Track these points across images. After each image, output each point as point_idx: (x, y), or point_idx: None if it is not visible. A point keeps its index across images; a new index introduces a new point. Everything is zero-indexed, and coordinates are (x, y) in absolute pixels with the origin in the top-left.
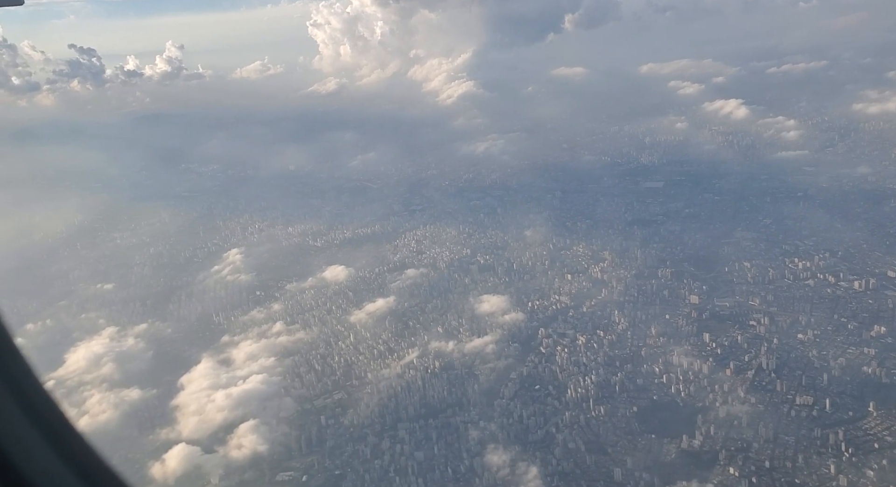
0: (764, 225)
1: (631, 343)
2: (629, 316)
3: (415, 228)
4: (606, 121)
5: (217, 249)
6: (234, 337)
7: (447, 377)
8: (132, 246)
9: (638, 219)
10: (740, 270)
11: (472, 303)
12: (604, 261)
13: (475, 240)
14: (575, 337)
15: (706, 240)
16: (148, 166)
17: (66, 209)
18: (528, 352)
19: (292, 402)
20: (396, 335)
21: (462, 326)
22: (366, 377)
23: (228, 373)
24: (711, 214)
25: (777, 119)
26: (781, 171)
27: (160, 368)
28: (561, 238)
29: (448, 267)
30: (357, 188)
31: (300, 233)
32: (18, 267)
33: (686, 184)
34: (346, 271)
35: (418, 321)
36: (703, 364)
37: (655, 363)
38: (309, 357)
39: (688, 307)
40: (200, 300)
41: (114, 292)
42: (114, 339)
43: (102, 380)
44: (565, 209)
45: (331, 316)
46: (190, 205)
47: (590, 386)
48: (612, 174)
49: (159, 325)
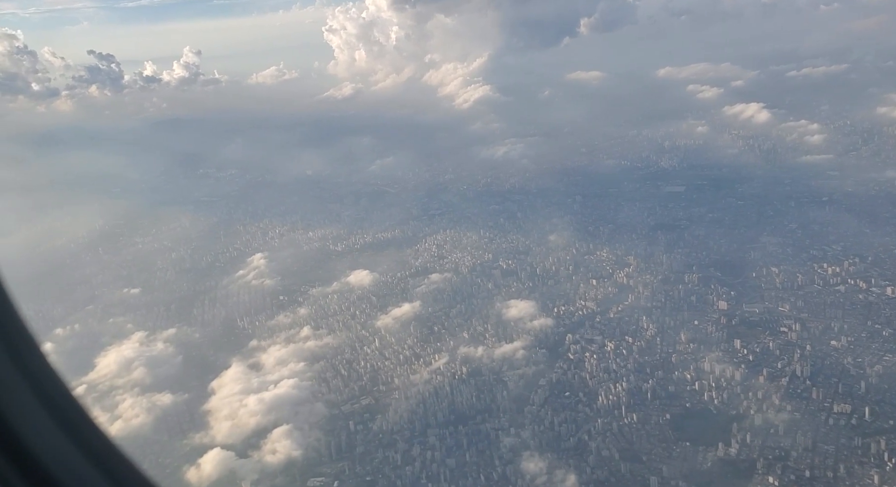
0: (790, 229)
1: (660, 349)
2: (657, 321)
3: (435, 233)
4: (624, 125)
5: (238, 254)
6: (263, 341)
7: (475, 383)
8: (154, 250)
9: (661, 223)
10: (768, 276)
11: (497, 309)
12: (629, 266)
13: (496, 245)
14: (603, 343)
15: (732, 244)
16: (166, 171)
17: (87, 214)
18: (556, 358)
19: (323, 407)
20: (422, 340)
21: (488, 331)
22: (393, 382)
23: (259, 378)
24: (735, 219)
25: (800, 123)
26: (805, 175)
27: (190, 372)
28: (583, 242)
29: (470, 272)
30: (375, 192)
31: (320, 238)
32: (42, 272)
33: (708, 188)
34: (371, 276)
35: (443, 326)
36: (735, 370)
37: (687, 370)
38: (336, 362)
39: (716, 313)
40: (226, 304)
41: (140, 297)
42: (143, 344)
43: (134, 385)
44: (586, 213)
45: (356, 320)
46: (209, 210)
47: (621, 392)
48: (632, 178)
49: (187, 330)
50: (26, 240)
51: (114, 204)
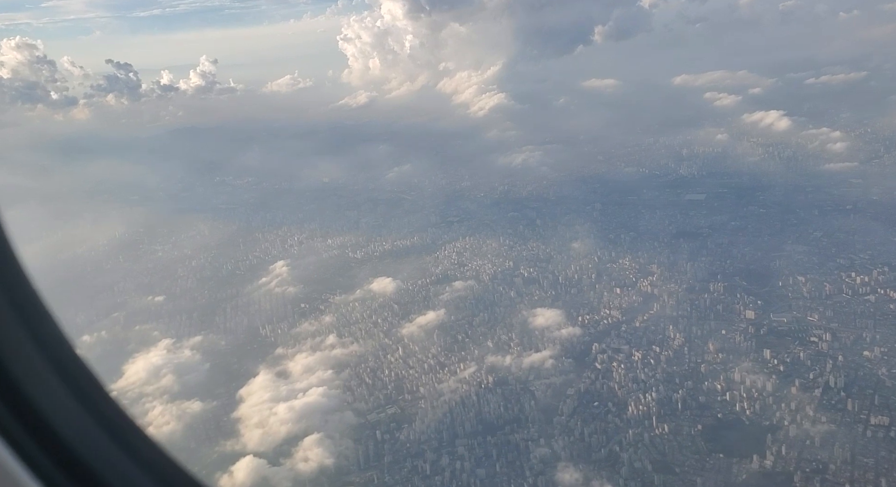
0: (815, 238)
1: (689, 359)
2: (684, 331)
3: (454, 240)
4: (641, 133)
5: (259, 261)
6: (288, 349)
7: (502, 392)
8: (175, 258)
9: (682, 231)
10: (795, 285)
11: (521, 317)
12: (652, 275)
13: (517, 253)
14: (630, 352)
15: (756, 253)
16: (184, 179)
17: (106, 222)
18: (583, 368)
19: (353, 416)
20: (446, 349)
21: (512, 340)
22: (419, 391)
23: (287, 386)
24: (758, 227)
25: (821, 130)
26: (827, 183)
27: (218, 380)
28: (605, 250)
29: (492, 280)
30: (392, 200)
31: (339, 246)
32: (64, 279)
33: (729, 196)
34: (393, 283)
35: (467, 335)
36: (766, 381)
37: (716, 380)
38: (363, 370)
39: (744, 322)
40: (250, 312)
41: (164, 304)
42: (170, 351)
43: (163, 392)
44: (607, 221)
45: (381, 328)
46: (228, 218)
47: (651, 403)
48: (651, 186)
49: (213, 337)
50: (47, 248)
51: (133, 211)
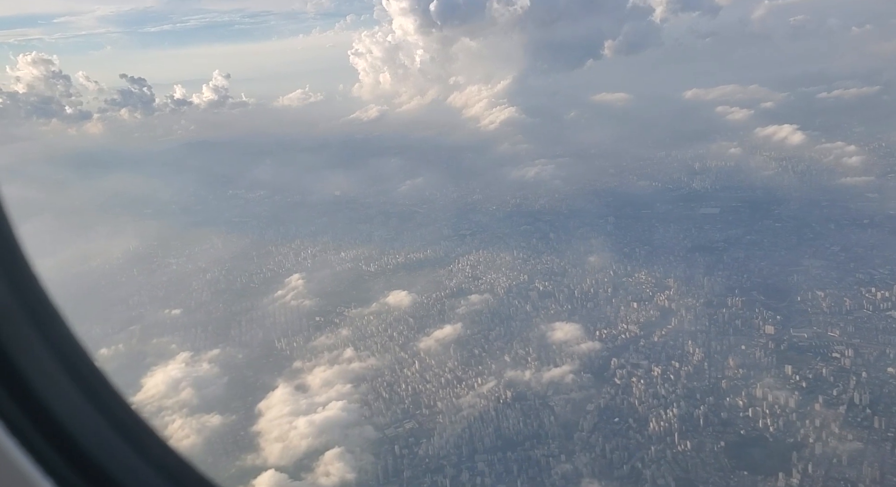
0: (832, 252)
1: (709, 374)
2: (703, 346)
3: (467, 253)
4: (653, 147)
5: (272, 274)
6: (306, 362)
7: (520, 407)
8: (189, 271)
9: (698, 245)
10: (814, 299)
11: (537, 331)
12: (669, 289)
13: (531, 266)
14: (649, 367)
15: (773, 267)
16: (196, 192)
17: (120, 235)
18: (602, 383)
19: (373, 430)
20: (463, 363)
21: (530, 355)
22: (436, 405)
23: (306, 400)
24: (774, 241)
25: (835, 144)
26: (842, 197)
27: (236, 393)
28: (620, 264)
29: (507, 294)
30: (404, 213)
31: (353, 259)
32: (80, 293)
33: (743, 210)
34: (409, 297)
35: (484, 349)
36: (789, 397)
37: (738, 396)
38: (380, 384)
39: (763, 337)
40: (267, 325)
41: (181, 317)
42: (189, 364)
43: (182, 405)
44: (621, 235)
45: (397, 342)
46: (241, 231)
47: (672, 419)
48: (664, 199)
49: (230, 350)
50: (62, 262)
51: (146, 225)
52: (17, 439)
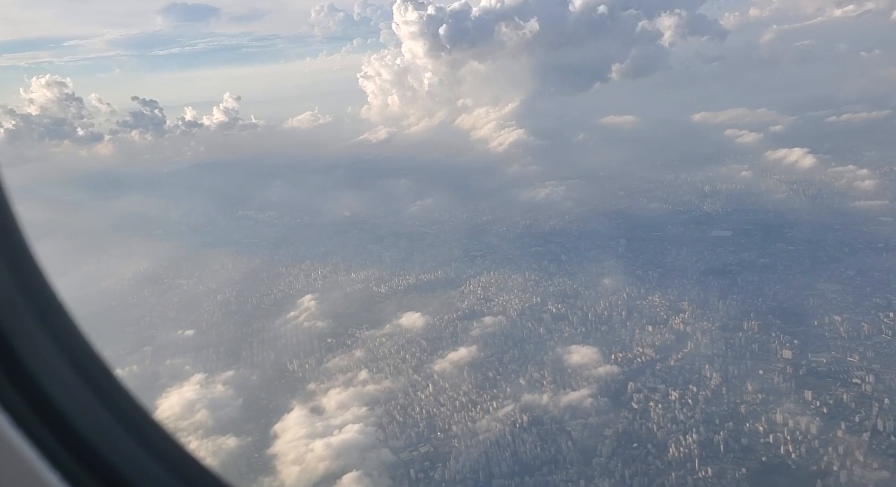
0: (847, 276)
1: (727, 399)
2: (720, 370)
3: (478, 274)
4: (661, 169)
5: (283, 296)
6: (321, 384)
7: (537, 432)
8: (200, 292)
9: (711, 268)
10: (831, 324)
11: (552, 354)
12: (684, 312)
13: (543, 288)
14: (667, 392)
15: (788, 291)
16: (206, 213)
17: (131, 256)
18: (619, 407)
19: (390, 453)
20: (478, 386)
21: (545, 378)
22: (451, 429)
23: (322, 422)
24: (788, 265)
25: (847, 168)
26: (855, 221)
27: (251, 415)
28: (634, 287)
29: (520, 316)
30: (414, 234)
31: (363, 280)
32: (91, 313)
33: (755, 233)
34: (423, 318)
35: (498, 372)
36: (810, 423)
37: (758, 421)
38: (396, 406)
39: (781, 362)
40: (280, 346)
41: (194, 338)
42: (203, 386)
43: (198, 427)
44: (633, 257)
45: (413, 364)
46: (251, 252)
47: (692, 444)
48: (675, 222)
49: (244, 372)
50: (73, 282)
51: (157, 246)
52: (22, 432)
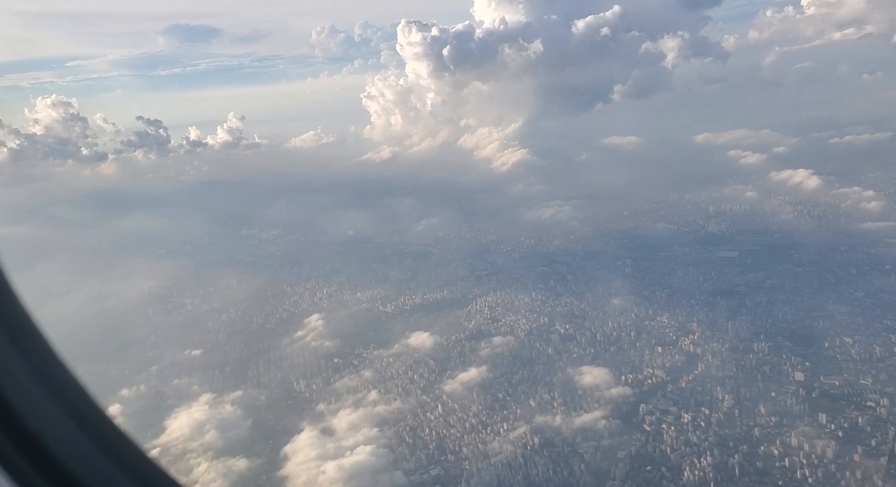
0: (856, 298)
1: (740, 422)
2: (732, 392)
3: (484, 294)
4: (665, 190)
5: (289, 315)
6: (330, 405)
7: (549, 454)
8: (205, 312)
9: (718, 289)
10: (842, 346)
11: (561, 376)
12: (693, 334)
13: (550, 308)
14: (679, 414)
15: (797, 313)
16: (210, 232)
17: (134, 275)
18: (631, 430)
19: (402, 475)
20: (488, 407)
21: (555, 400)
22: (461, 451)
23: (333, 443)
24: (796, 286)
25: (852, 189)
26: (862, 243)
27: (261, 436)
28: (641, 307)
29: (528, 336)
30: (419, 253)
31: (369, 299)
32: (96, 333)
33: (762, 254)
34: (431, 338)
35: (508, 393)
36: (825, 447)
37: (772, 444)
38: (406, 428)
39: (793, 384)
40: (288, 366)
41: (201, 358)
42: (212, 406)
43: (207, 448)
44: (639, 277)
45: (421, 385)
46: (255, 271)
47: (706, 467)
48: (680, 242)
49: (252, 392)
50: (77, 302)
51: (160, 265)
52: None
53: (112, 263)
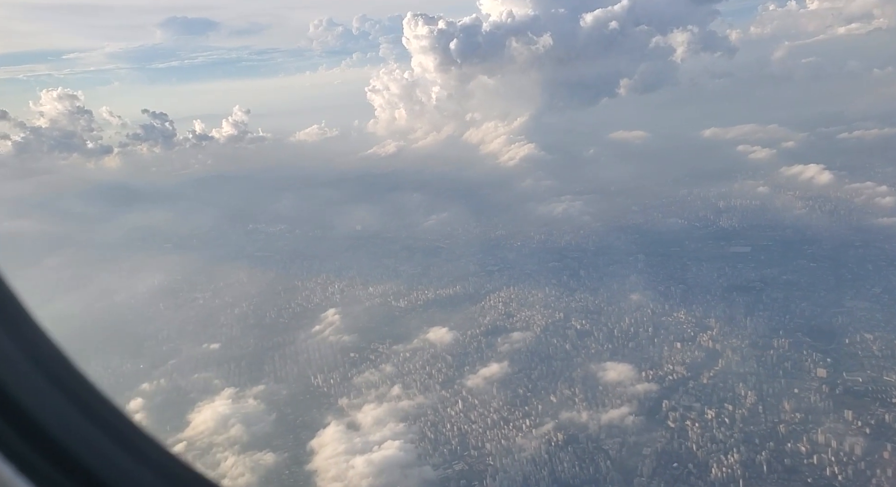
0: (874, 294)
1: (765, 418)
2: (755, 389)
3: (497, 290)
4: (673, 185)
5: (301, 310)
6: (353, 399)
7: (573, 450)
8: (217, 306)
9: (734, 284)
10: (863, 342)
11: (580, 371)
12: (711, 329)
13: (565, 304)
14: (702, 410)
15: (815, 309)
16: (216, 226)
17: (143, 269)
18: (655, 426)
19: (431, 470)
20: (510, 403)
21: (576, 396)
22: (485, 447)
23: (360, 438)
24: (812, 282)
25: (865, 184)
26: (876, 238)
27: (285, 430)
28: (657, 303)
29: (544, 332)
30: (428, 248)
31: (381, 294)
32: (107, 328)
33: (775, 249)
34: (450, 334)
35: (528, 389)
36: (853, 444)
37: (799, 441)
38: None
39: (816, 381)
40: (308, 361)
41: (220, 352)
42: (235, 400)
43: (233, 442)
44: (653, 273)
45: (443, 380)
46: (264, 265)
47: (734, 464)
48: (692, 237)
49: (274, 386)
50: (86, 297)
51: (168, 259)
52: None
53: (119, 257)
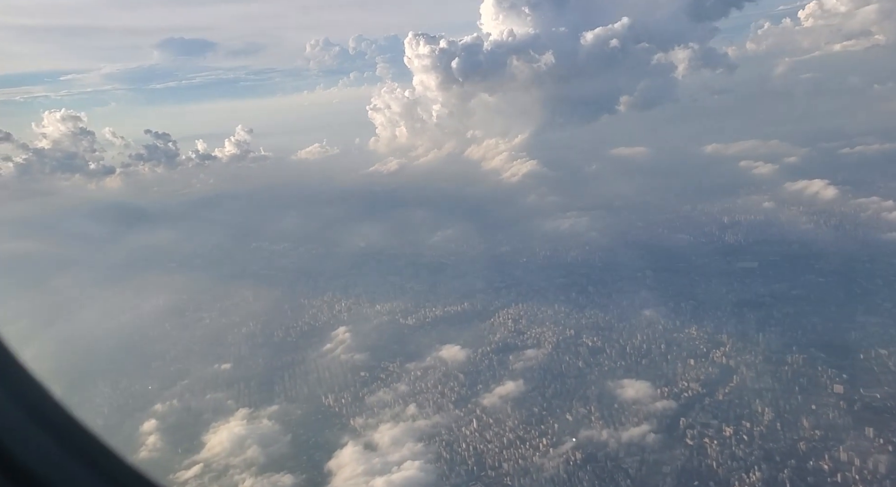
0: (886, 309)
1: (784, 436)
2: (772, 405)
3: (505, 306)
4: (677, 200)
5: (309, 328)
6: (369, 419)
7: (592, 469)
8: (223, 326)
9: (743, 300)
10: (878, 358)
11: (595, 389)
12: (724, 345)
13: (575, 320)
14: (720, 427)
15: (827, 324)
16: (220, 245)
17: (148, 289)
18: (673, 444)
19: None
20: (526, 422)
21: (593, 414)
22: (502, 467)
23: (379, 458)
24: (822, 297)
25: (871, 199)
26: (884, 253)
27: (301, 451)
28: (668, 319)
29: (556, 349)
30: (434, 265)
31: (389, 311)
32: (114, 348)
33: (783, 264)
34: (463, 351)
35: (543, 407)
36: (877, 461)
37: (821, 459)
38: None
39: (833, 397)
40: (320, 380)
41: (232, 372)
42: (249, 421)
43: (249, 464)
44: (662, 289)
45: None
46: (269, 284)
47: (756, 482)
48: (698, 253)
49: (287, 406)
50: (92, 317)
51: (172, 279)
52: None
53: (124, 277)
